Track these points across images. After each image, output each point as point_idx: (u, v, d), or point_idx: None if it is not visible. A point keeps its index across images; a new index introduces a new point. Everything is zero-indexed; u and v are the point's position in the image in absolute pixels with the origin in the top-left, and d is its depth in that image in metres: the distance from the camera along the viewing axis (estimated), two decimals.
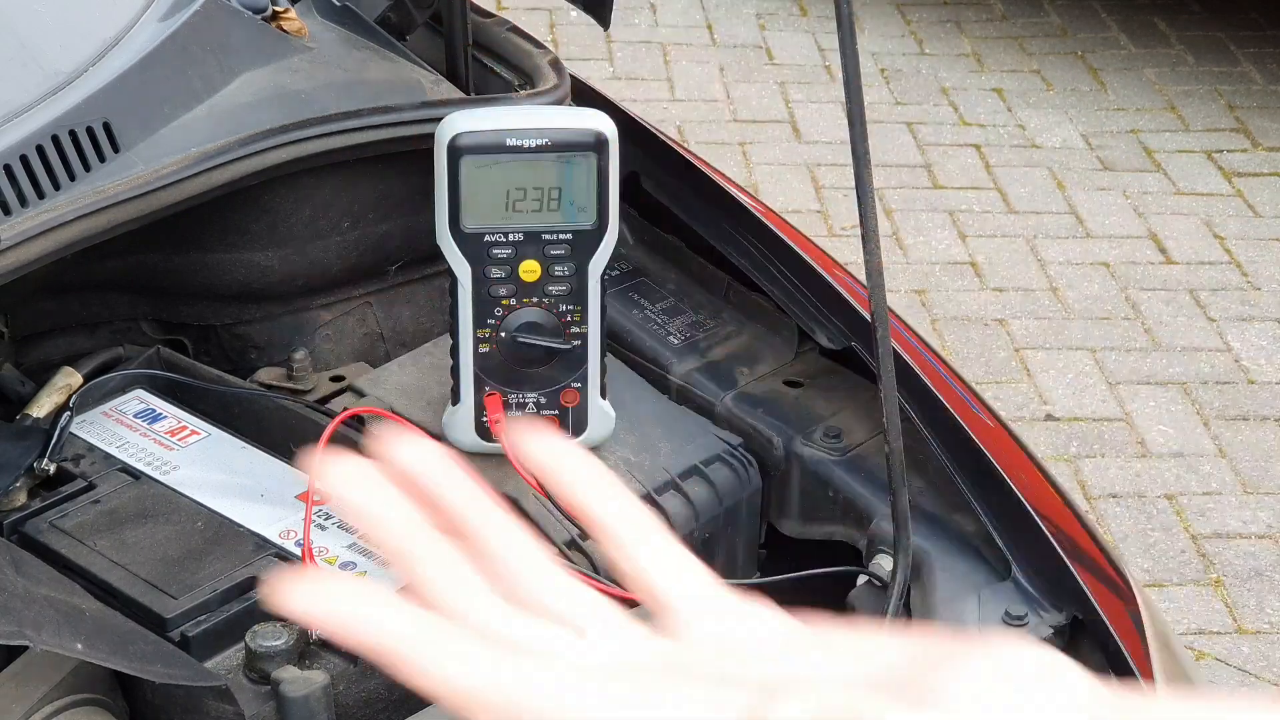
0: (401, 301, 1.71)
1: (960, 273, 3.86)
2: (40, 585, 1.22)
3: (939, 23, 5.01)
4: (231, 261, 1.59)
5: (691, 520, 1.48)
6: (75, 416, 1.48)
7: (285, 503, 1.42)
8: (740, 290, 1.70)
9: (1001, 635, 1.28)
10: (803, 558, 1.53)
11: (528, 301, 1.42)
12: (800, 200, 4.09)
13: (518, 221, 1.40)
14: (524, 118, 1.42)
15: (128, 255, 1.54)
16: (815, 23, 4.97)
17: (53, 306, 1.59)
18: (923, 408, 1.50)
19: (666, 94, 4.55)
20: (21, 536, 1.36)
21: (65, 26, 1.51)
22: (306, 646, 1.27)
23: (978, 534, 1.45)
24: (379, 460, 0.62)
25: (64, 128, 1.42)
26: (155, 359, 1.56)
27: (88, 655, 1.15)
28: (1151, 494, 3.21)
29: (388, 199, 1.63)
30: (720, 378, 1.61)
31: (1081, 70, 4.78)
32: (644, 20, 4.91)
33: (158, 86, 1.50)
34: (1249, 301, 3.80)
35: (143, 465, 1.45)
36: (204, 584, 1.31)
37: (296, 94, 1.59)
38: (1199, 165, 4.34)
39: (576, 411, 1.46)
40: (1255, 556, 3.07)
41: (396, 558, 0.63)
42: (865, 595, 1.43)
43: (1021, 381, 3.51)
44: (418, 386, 1.54)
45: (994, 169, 4.29)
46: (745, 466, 1.53)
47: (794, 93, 4.59)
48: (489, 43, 1.80)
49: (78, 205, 1.38)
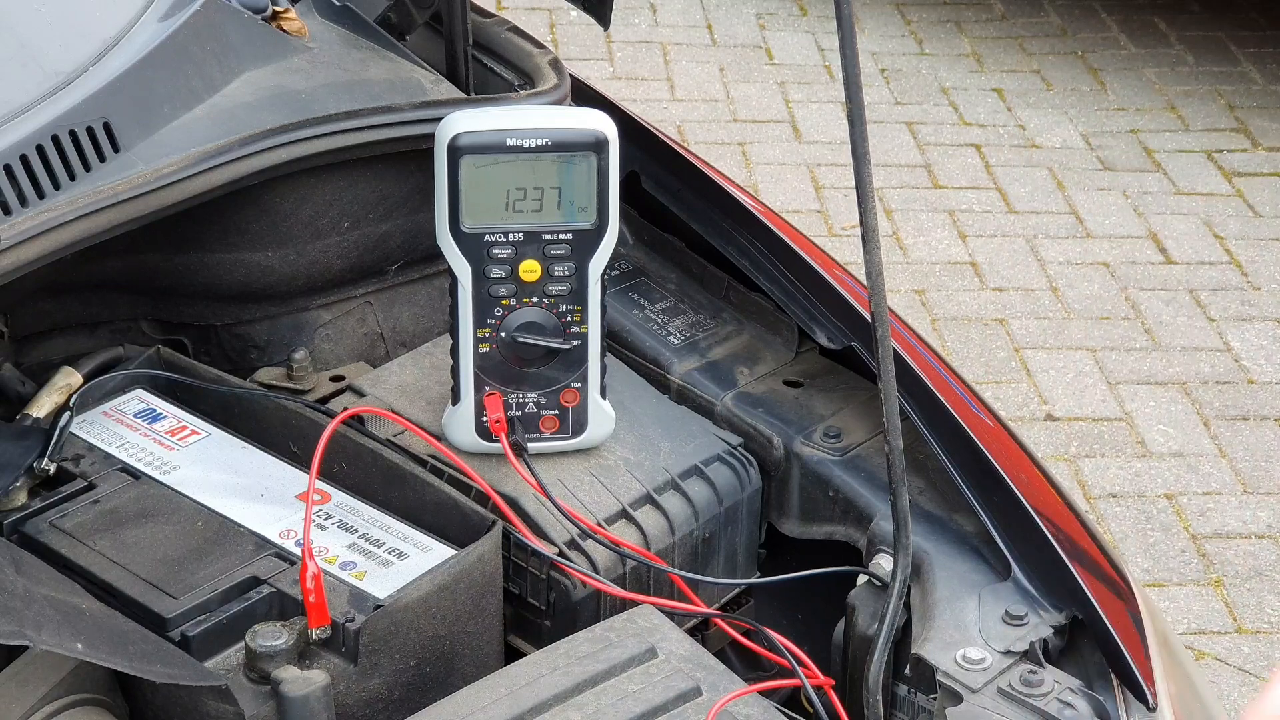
0: (401, 301, 1.71)
1: (960, 273, 3.86)
2: (40, 585, 1.22)
3: (939, 23, 5.01)
4: (231, 261, 1.59)
5: (691, 520, 1.48)
6: (75, 416, 1.48)
7: (285, 503, 1.42)
8: (740, 290, 1.70)
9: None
10: (803, 558, 1.53)
11: (528, 301, 1.42)
12: (800, 200, 4.08)
13: (518, 221, 1.40)
14: (524, 118, 1.42)
15: (128, 255, 1.54)
16: (815, 23, 4.96)
17: (53, 306, 1.59)
18: (923, 408, 1.50)
19: (666, 94, 4.55)
20: (21, 536, 1.36)
21: (65, 26, 1.51)
22: (306, 646, 1.27)
23: (978, 534, 1.45)
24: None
25: (64, 128, 1.42)
26: (155, 359, 1.56)
27: (88, 655, 1.15)
28: (1151, 494, 3.21)
29: (388, 199, 1.63)
30: (720, 378, 1.61)
31: (1081, 70, 4.77)
32: (644, 20, 4.91)
33: (158, 86, 1.50)
34: (1249, 301, 3.80)
35: (143, 465, 1.45)
36: (204, 584, 1.31)
37: (296, 94, 1.59)
38: (1199, 165, 4.34)
39: (576, 411, 1.46)
40: (1255, 556, 3.07)
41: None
42: (865, 595, 1.43)
43: (1021, 381, 3.50)
44: (418, 386, 1.54)
45: (994, 169, 4.29)
46: (745, 466, 1.53)
47: (794, 93, 4.59)
48: (489, 43, 1.80)
49: (78, 205, 1.38)
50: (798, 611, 1.59)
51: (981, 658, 1.30)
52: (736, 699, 1.24)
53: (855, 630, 1.42)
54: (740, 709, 1.24)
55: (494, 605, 1.37)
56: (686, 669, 1.26)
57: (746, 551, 1.55)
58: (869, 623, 1.40)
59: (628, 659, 1.26)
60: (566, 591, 1.40)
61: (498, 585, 1.38)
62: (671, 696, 1.23)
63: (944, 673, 1.30)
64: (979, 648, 1.31)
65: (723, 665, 1.28)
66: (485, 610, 1.36)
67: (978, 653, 1.31)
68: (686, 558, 1.48)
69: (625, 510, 1.45)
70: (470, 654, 1.35)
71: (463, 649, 1.34)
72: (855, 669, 1.41)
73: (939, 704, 1.31)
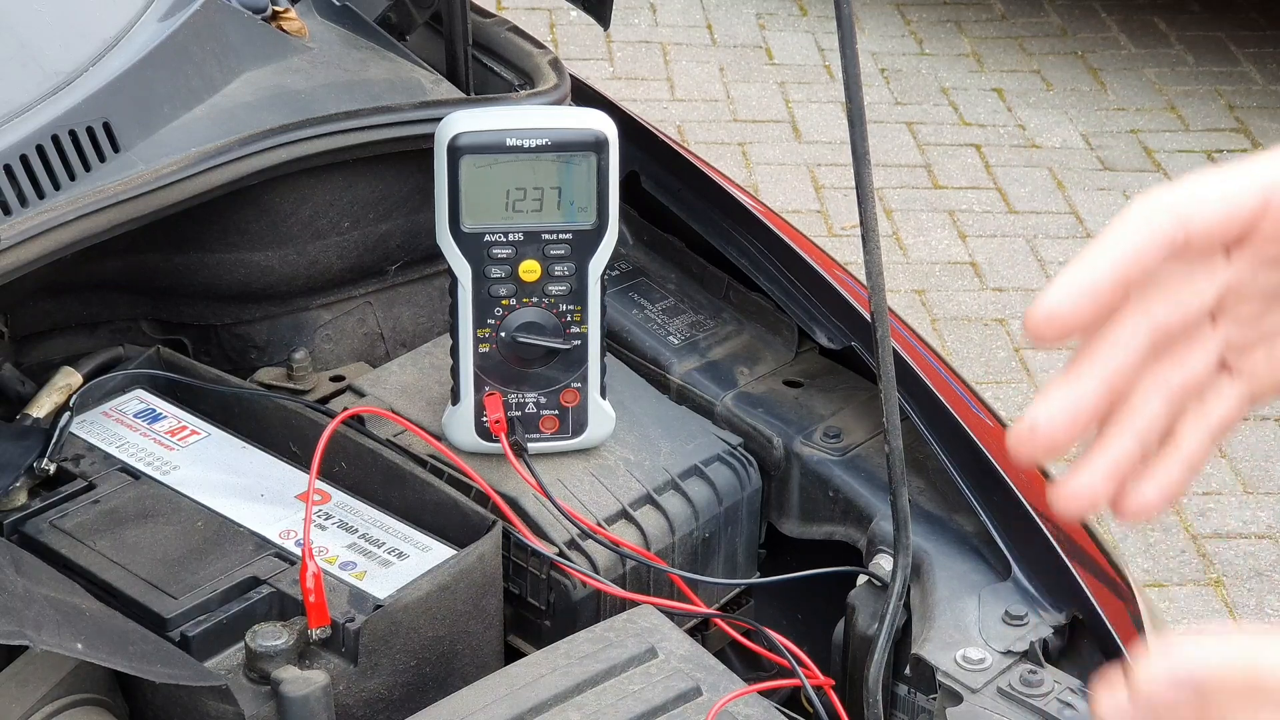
0: (401, 301, 1.71)
1: (960, 273, 3.86)
2: (40, 585, 1.22)
3: (939, 23, 5.01)
4: (231, 261, 1.59)
5: (691, 520, 1.48)
6: (75, 416, 1.48)
7: (285, 503, 1.42)
8: (740, 290, 1.70)
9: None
10: (803, 558, 1.53)
11: (528, 301, 1.42)
12: (800, 200, 4.08)
13: (518, 221, 1.40)
14: (524, 118, 1.42)
15: (128, 255, 1.54)
16: (815, 23, 4.96)
17: (53, 306, 1.59)
18: (923, 408, 1.50)
19: (666, 94, 4.55)
20: (21, 536, 1.36)
21: (65, 26, 1.51)
22: (306, 646, 1.27)
23: (978, 534, 1.45)
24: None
25: (64, 128, 1.42)
26: (155, 359, 1.56)
27: (88, 655, 1.15)
28: None
29: (388, 199, 1.63)
30: (720, 378, 1.61)
31: (1081, 70, 4.77)
32: (644, 20, 4.91)
33: (158, 86, 1.50)
34: None
35: (143, 465, 1.45)
36: (204, 584, 1.31)
37: (296, 94, 1.59)
38: (1199, 165, 4.34)
39: (576, 411, 1.46)
40: (1255, 556, 3.07)
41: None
42: (865, 595, 1.43)
43: (1021, 381, 3.50)
44: (418, 386, 1.54)
45: (994, 169, 4.29)
46: (745, 466, 1.53)
47: (794, 93, 4.59)
48: (489, 43, 1.80)
49: (78, 205, 1.38)
50: (798, 611, 1.59)
51: (981, 658, 1.30)
52: (736, 699, 1.24)
53: (855, 630, 1.42)
54: (740, 709, 1.24)
55: (494, 605, 1.37)
56: (686, 669, 1.26)
57: (746, 551, 1.55)
58: (869, 623, 1.40)
59: (628, 659, 1.26)
60: (566, 591, 1.40)
61: (498, 585, 1.38)
62: (671, 696, 1.23)
63: (944, 673, 1.30)
64: (979, 648, 1.31)
65: (723, 665, 1.28)
66: (485, 610, 1.36)
67: (978, 653, 1.31)
68: (686, 558, 1.48)
69: (625, 510, 1.45)
70: (470, 654, 1.35)
71: (463, 649, 1.34)
72: (855, 669, 1.41)
73: (939, 704, 1.31)
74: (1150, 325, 0.64)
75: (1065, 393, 0.64)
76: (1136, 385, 0.65)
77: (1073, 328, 0.62)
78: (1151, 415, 0.65)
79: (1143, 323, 0.64)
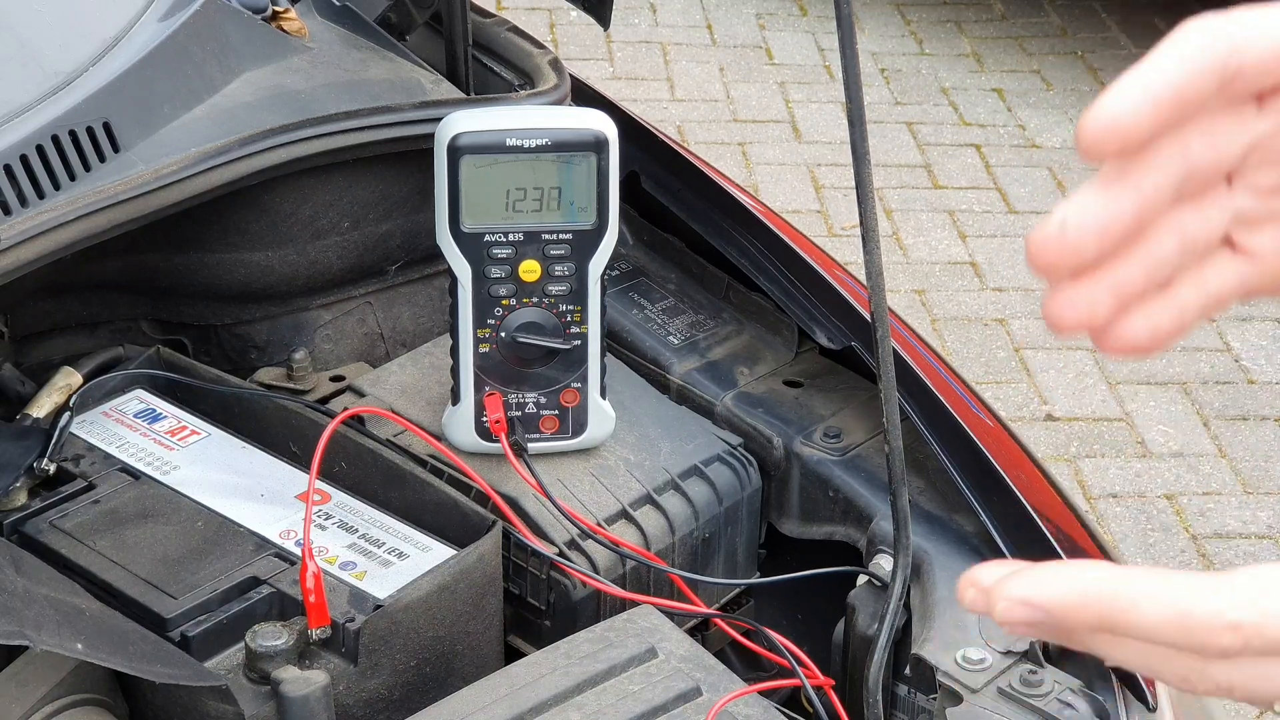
0: (401, 301, 1.71)
1: (960, 273, 3.86)
2: (40, 585, 1.22)
3: (939, 23, 5.01)
4: (231, 261, 1.59)
5: (691, 520, 1.48)
6: (75, 416, 1.48)
7: (285, 503, 1.42)
8: (740, 290, 1.70)
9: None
10: (803, 558, 1.53)
11: (528, 301, 1.42)
12: (800, 200, 4.08)
13: (518, 221, 1.40)
14: (524, 118, 1.42)
15: (128, 255, 1.54)
16: (815, 23, 4.96)
17: (53, 306, 1.59)
18: (923, 408, 1.50)
19: (666, 94, 4.55)
20: (21, 536, 1.36)
21: (65, 26, 1.51)
22: (306, 647, 1.27)
23: (978, 534, 1.45)
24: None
25: (64, 128, 1.42)
26: (155, 359, 1.56)
27: (88, 655, 1.15)
28: (1151, 494, 3.21)
29: (388, 199, 1.63)
30: (720, 378, 1.61)
31: (1081, 70, 4.77)
32: (644, 20, 4.91)
33: (158, 86, 1.50)
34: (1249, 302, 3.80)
35: (143, 465, 1.45)
36: (204, 584, 1.31)
37: (296, 94, 1.59)
38: None
39: (576, 411, 1.46)
40: (1255, 556, 3.07)
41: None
42: (865, 595, 1.43)
43: (1021, 381, 3.50)
44: (418, 386, 1.54)
45: (994, 169, 4.29)
46: (745, 466, 1.53)
47: (794, 93, 4.59)
48: (489, 43, 1.80)
49: (78, 205, 1.38)
50: (798, 611, 1.59)
51: (981, 658, 1.30)
52: (736, 699, 1.24)
53: (855, 630, 1.42)
54: (740, 709, 1.24)
55: (494, 605, 1.37)
56: (686, 669, 1.26)
57: (746, 551, 1.55)
58: (869, 623, 1.40)
59: (628, 659, 1.26)
60: (566, 591, 1.40)
61: (498, 585, 1.38)
62: (671, 696, 1.23)
63: (944, 673, 1.30)
64: (979, 648, 1.31)
65: (723, 665, 1.28)
66: (485, 610, 1.36)
67: (978, 653, 1.31)
68: (686, 558, 1.48)
69: (625, 510, 1.45)
70: (470, 654, 1.35)
71: (463, 649, 1.34)
72: (855, 669, 1.41)
73: (939, 704, 1.31)
74: (1184, 163, 0.60)
75: (1101, 200, 0.59)
76: (1158, 222, 0.61)
77: (1133, 142, 0.57)
78: (1164, 254, 0.61)
79: (1178, 156, 0.59)
